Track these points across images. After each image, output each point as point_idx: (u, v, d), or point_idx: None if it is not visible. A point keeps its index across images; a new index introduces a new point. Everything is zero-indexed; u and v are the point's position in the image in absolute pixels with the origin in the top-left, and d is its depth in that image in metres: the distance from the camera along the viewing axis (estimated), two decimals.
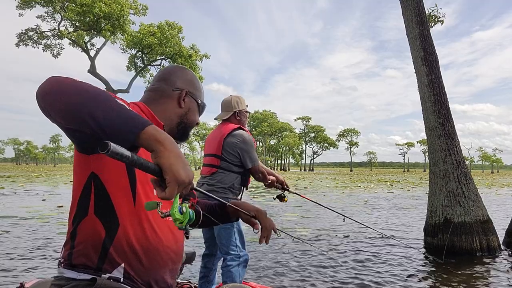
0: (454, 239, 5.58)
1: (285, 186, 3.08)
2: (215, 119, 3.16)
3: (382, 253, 5.64)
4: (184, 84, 1.40)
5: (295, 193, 3.31)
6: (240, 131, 2.95)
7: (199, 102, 1.44)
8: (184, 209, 0.93)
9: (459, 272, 4.67)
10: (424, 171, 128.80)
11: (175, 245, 1.23)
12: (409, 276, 4.52)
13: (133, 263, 1.13)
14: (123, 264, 1.11)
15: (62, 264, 1.12)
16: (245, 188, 3.06)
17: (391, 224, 8.57)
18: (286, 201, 3.10)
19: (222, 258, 2.90)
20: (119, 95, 33.73)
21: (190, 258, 2.23)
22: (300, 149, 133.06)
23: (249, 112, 3.22)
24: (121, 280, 1.10)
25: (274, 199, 3.12)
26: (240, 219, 1.59)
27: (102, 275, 1.08)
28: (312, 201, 3.61)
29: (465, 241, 5.52)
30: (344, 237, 6.91)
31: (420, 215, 9.82)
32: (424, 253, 5.71)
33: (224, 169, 2.90)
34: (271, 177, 3.01)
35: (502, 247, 5.82)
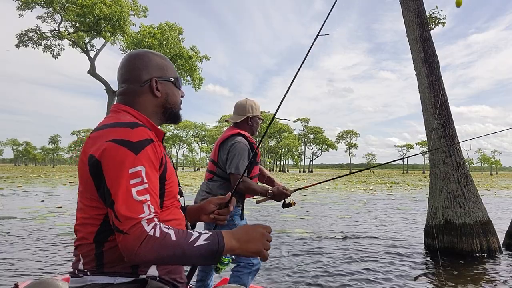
0: (455, 241, 5.58)
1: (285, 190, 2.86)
2: (226, 121, 3.06)
3: (382, 254, 5.64)
4: (149, 72, 1.30)
5: (298, 189, 3.14)
6: (237, 137, 2.78)
7: (172, 80, 1.35)
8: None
9: (459, 273, 4.67)
10: (423, 172, 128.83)
11: None
12: (409, 277, 4.52)
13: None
14: (155, 265, 1.17)
15: (89, 272, 1.13)
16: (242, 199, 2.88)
17: (391, 225, 8.56)
18: (294, 204, 2.91)
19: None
20: None
21: None
22: (299, 151, 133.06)
23: (262, 119, 3.07)
24: (157, 279, 1.16)
25: (283, 207, 2.91)
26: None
27: (140, 276, 1.14)
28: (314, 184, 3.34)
29: (465, 242, 5.53)
30: (343, 238, 6.91)
31: (420, 216, 9.82)
32: (424, 255, 5.71)
33: (220, 176, 2.80)
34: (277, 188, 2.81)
35: (502, 249, 5.83)
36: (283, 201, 2.85)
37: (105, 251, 1.12)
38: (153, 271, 1.16)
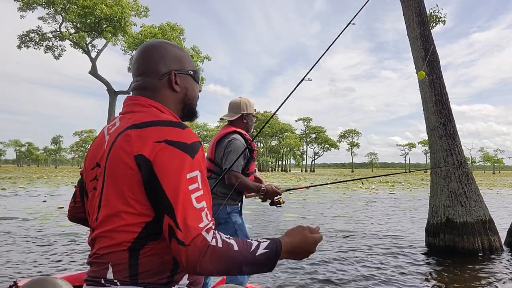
0: (456, 239, 5.57)
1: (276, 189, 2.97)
2: (221, 119, 3.09)
3: (383, 253, 5.63)
4: (167, 64, 1.20)
5: (289, 189, 3.25)
6: (234, 135, 2.82)
7: (191, 73, 1.25)
8: None
9: (461, 272, 4.66)
10: (426, 171, 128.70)
11: None
12: (411, 276, 4.51)
13: None
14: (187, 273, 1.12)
15: (119, 282, 1.05)
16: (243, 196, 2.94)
17: (393, 224, 8.55)
18: (283, 203, 3.01)
19: None
20: (120, 96, 33.89)
21: None
22: (301, 150, 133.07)
23: (256, 117, 3.10)
24: None
25: (271, 205, 3.02)
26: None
27: (172, 287, 1.08)
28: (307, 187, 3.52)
29: (467, 241, 5.51)
30: (344, 237, 6.90)
31: (422, 215, 9.80)
32: (425, 253, 5.70)
33: (218, 174, 2.81)
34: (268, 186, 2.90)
35: (504, 247, 5.81)
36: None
37: (140, 260, 1.04)
38: (184, 281, 1.11)
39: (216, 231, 1.01)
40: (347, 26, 2.66)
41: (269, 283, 4.19)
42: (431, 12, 7.68)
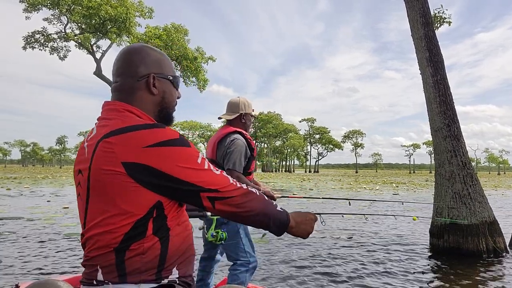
0: (460, 241, 5.54)
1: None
2: (219, 118, 3.10)
3: (387, 255, 5.61)
4: (147, 67, 1.23)
5: (284, 196, 3.33)
6: (235, 135, 2.85)
7: (171, 78, 1.28)
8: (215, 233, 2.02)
9: (465, 274, 4.63)
10: (430, 172, 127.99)
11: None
12: (414, 278, 4.49)
13: (181, 265, 1.18)
14: (175, 268, 1.16)
15: (110, 283, 1.09)
16: None
17: (396, 225, 8.52)
18: None
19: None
20: None
21: None
22: (305, 151, 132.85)
23: (254, 117, 3.13)
24: (177, 282, 1.15)
25: None
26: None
27: (162, 281, 1.13)
28: (300, 197, 3.67)
29: (471, 242, 5.48)
30: (348, 238, 6.89)
31: (426, 216, 9.75)
32: (429, 255, 5.68)
33: None
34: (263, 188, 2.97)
35: (509, 249, 5.77)
36: None
37: (126, 260, 1.08)
38: (175, 274, 1.15)
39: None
40: None
41: (272, 278, 4.19)
42: (436, 13, 7.65)
